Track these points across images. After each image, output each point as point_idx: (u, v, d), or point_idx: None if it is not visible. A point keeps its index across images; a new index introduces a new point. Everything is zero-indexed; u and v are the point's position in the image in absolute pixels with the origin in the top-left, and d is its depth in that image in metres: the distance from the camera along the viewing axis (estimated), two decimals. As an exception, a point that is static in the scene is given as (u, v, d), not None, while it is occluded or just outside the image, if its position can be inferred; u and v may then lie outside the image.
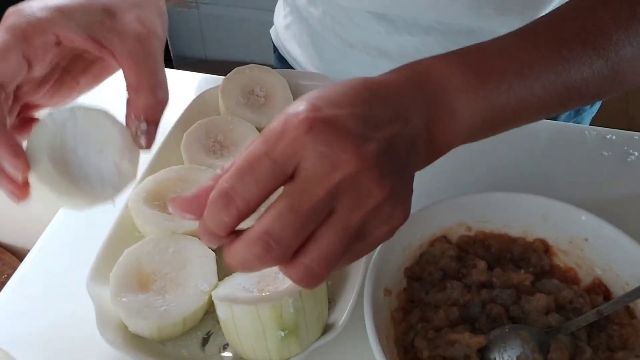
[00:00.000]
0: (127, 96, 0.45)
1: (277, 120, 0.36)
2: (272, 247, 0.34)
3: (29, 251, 0.61)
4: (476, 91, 0.43)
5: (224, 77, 0.70)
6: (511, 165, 0.70)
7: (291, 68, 0.89)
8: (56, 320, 0.55)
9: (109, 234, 0.55)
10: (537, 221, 0.56)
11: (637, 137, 0.73)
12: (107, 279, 0.51)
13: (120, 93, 0.46)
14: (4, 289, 0.57)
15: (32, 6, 0.43)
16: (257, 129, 0.66)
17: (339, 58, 0.81)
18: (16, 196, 0.44)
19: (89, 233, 0.58)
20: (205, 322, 0.53)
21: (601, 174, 0.69)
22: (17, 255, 0.85)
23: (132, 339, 0.50)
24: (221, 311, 0.48)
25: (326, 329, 0.50)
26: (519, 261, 0.56)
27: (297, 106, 0.36)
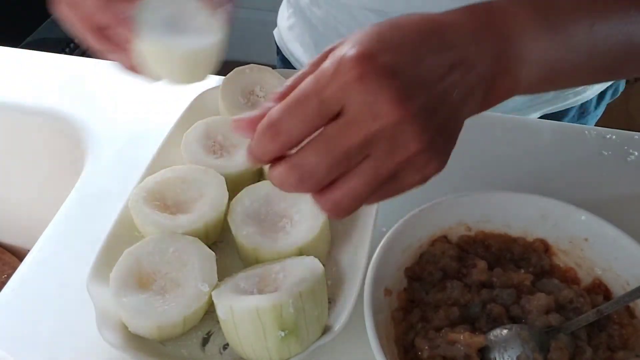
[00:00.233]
0: None
1: (331, 60, 0.37)
2: (304, 179, 0.37)
3: (29, 251, 0.61)
4: (548, 39, 0.42)
5: (224, 77, 0.70)
6: (511, 165, 0.70)
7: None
8: (56, 321, 0.55)
9: (109, 234, 0.55)
10: (537, 221, 0.56)
11: (637, 137, 0.73)
12: (107, 279, 0.51)
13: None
14: (4, 289, 0.57)
15: None
16: (257, 129, 0.66)
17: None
18: (125, 65, 0.51)
19: (89, 233, 0.59)
20: (205, 322, 0.53)
21: (601, 173, 0.69)
22: (17, 255, 0.85)
23: (132, 339, 0.50)
24: (221, 311, 0.48)
25: (326, 329, 0.50)
26: (519, 261, 0.56)
27: (353, 48, 0.36)
